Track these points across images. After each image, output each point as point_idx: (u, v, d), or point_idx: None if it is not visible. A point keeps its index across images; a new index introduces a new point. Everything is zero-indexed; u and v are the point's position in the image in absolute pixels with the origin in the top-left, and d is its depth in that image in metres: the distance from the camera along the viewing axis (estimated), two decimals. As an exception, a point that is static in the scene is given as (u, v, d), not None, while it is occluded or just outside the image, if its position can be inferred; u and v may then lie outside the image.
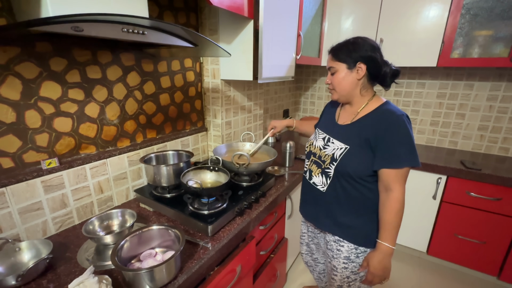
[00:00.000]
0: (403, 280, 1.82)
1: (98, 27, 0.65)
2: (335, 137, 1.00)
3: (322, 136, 1.06)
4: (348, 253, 1.01)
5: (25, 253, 0.81)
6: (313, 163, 1.07)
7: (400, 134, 0.84)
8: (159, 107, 1.32)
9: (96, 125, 1.07)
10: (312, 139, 1.13)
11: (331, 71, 0.98)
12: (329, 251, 1.08)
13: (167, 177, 1.12)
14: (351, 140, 0.94)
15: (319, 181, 1.04)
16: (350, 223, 0.99)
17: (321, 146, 1.04)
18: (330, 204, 1.02)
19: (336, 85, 0.97)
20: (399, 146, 0.84)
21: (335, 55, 0.96)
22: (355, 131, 0.95)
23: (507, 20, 1.54)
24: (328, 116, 1.13)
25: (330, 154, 0.98)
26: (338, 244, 1.03)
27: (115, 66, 1.09)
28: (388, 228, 0.89)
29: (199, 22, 1.44)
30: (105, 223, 0.95)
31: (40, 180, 0.91)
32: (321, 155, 1.02)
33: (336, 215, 1.01)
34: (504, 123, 1.91)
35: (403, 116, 0.86)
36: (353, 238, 0.99)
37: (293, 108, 2.79)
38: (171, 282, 0.74)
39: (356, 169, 0.92)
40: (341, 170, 0.95)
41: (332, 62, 0.97)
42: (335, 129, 1.03)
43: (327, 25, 2.05)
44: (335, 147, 0.98)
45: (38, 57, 0.86)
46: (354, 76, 0.93)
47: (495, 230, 1.66)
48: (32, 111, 0.88)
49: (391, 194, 0.87)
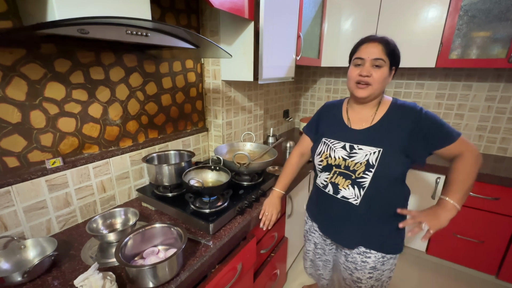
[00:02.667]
0: (403, 279, 1.83)
1: (103, 30, 0.67)
2: (360, 143, 0.91)
3: (339, 145, 0.95)
4: (375, 263, 0.97)
5: (30, 251, 0.83)
6: (338, 175, 0.95)
7: (435, 117, 0.86)
8: (161, 108, 1.34)
9: (99, 125, 1.08)
10: (324, 151, 0.99)
11: (378, 63, 0.85)
12: (350, 264, 1.03)
13: (169, 176, 1.14)
14: (381, 141, 0.88)
15: (350, 194, 0.93)
16: (381, 232, 0.95)
17: (345, 155, 0.93)
18: (363, 216, 0.93)
19: (377, 80, 0.86)
20: (444, 124, 0.86)
21: (389, 49, 0.85)
22: (382, 131, 0.89)
23: (505, 22, 1.55)
24: (331, 123, 1.03)
25: (363, 161, 0.89)
26: (364, 255, 0.98)
27: (118, 67, 1.10)
28: (457, 188, 0.85)
29: (200, 23, 1.46)
30: (108, 222, 0.96)
31: (45, 179, 0.92)
32: (348, 165, 0.92)
33: (368, 226, 0.95)
34: (502, 124, 1.92)
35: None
36: (382, 247, 0.96)
37: (293, 109, 2.81)
38: (173, 279, 0.75)
39: (395, 169, 0.87)
40: (381, 175, 0.87)
41: (383, 55, 0.85)
42: (353, 135, 0.94)
43: (326, 26, 2.07)
44: (366, 153, 0.89)
45: (43, 59, 0.88)
46: (389, 78, 0.89)
47: (493, 230, 1.67)
48: (37, 111, 0.89)
49: (467, 152, 0.85)
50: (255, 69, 1.37)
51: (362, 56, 0.87)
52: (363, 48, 0.88)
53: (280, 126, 2.58)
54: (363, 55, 0.87)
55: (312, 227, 1.19)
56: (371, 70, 0.86)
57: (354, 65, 0.91)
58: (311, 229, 1.20)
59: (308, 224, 1.23)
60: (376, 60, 0.85)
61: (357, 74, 0.88)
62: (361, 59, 0.87)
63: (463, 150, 0.86)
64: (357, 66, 0.89)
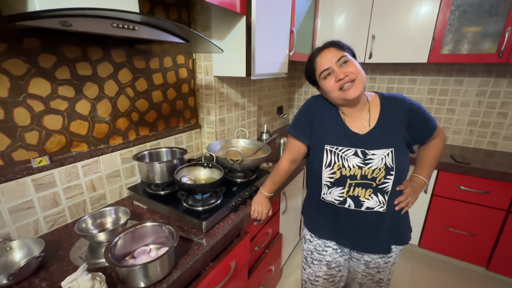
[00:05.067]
0: (396, 273, 1.86)
1: (87, 22, 0.64)
2: (371, 148, 0.86)
3: (350, 152, 0.87)
4: (395, 259, 1.00)
5: (16, 253, 0.80)
6: (356, 186, 0.87)
7: (420, 105, 0.89)
8: (152, 104, 1.31)
9: (87, 122, 1.05)
10: (334, 161, 0.88)
11: (343, 60, 0.82)
12: (372, 270, 1.02)
13: (161, 174, 1.12)
14: (389, 140, 0.86)
15: (374, 203, 0.88)
16: (401, 225, 0.96)
17: (359, 163, 0.86)
18: (390, 218, 0.91)
19: (357, 71, 0.81)
20: (426, 113, 0.89)
21: (339, 46, 0.85)
22: (386, 130, 0.86)
23: (495, 17, 1.57)
24: (330, 126, 0.91)
25: (381, 166, 0.84)
26: (386, 257, 0.98)
27: (105, 62, 1.07)
28: (430, 168, 0.99)
29: (191, 18, 1.43)
30: (98, 221, 0.94)
31: (31, 179, 0.89)
32: (365, 174, 0.86)
33: (398, 228, 0.95)
34: (492, 118, 1.95)
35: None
36: (404, 240, 0.98)
37: (287, 105, 2.80)
38: (165, 278, 0.74)
39: (408, 164, 0.89)
40: (401, 174, 0.86)
41: (341, 52, 0.83)
42: (360, 140, 0.87)
43: (320, 21, 2.06)
44: (381, 156, 0.85)
45: (26, 54, 0.85)
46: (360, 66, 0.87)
47: (483, 223, 1.70)
48: (21, 108, 0.86)
49: (440, 136, 0.95)
50: (248, 65, 1.35)
51: (325, 67, 0.83)
52: (320, 60, 0.85)
53: (274, 123, 2.57)
54: (325, 65, 0.83)
55: (324, 244, 1.04)
56: (344, 69, 0.81)
57: (324, 79, 0.86)
58: (320, 247, 1.05)
59: (312, 244, 1.07)
60: (340, 59, 0.82)
61: (334, 82, 0.83)
62: (326, 69, 0.83)
63: (437, 135, 0.93)
64: (328, 77, 0.84)
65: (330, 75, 0.84)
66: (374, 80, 2.33)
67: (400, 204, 0.92)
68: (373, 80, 2.33)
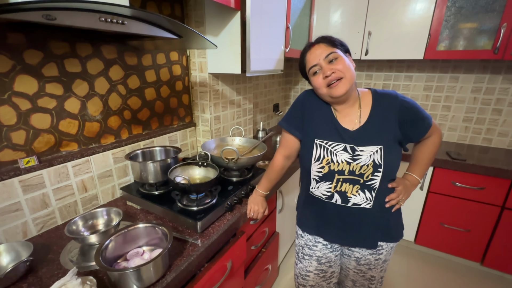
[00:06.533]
0: (391, 269, 1.86)
1: (73, 16, 0.61)
2: (360, 144, 0.85)
3: (340, 147, 0.87)
4: (386, 256, 0.98)
5: (3, 257, 0.77)
6: (344, 182, 0.87)
7: (414, 103, 0.87)
8: (145, 102, 1.28)
9: (77, 121, 1.02)
10: (323, 156, 0.89)
11: (332, 57, 0.81)
12: (363, 267, 1.01)
13: (154, 173, 1.09)
14: (379, 138, 0.85)
15: (361, 199, 0.88)
16: (391, 222, 0.95)
17: (348, 159, 0.86)
18: (377, 214, 0.91)
19: (344, 69, 0.80)
20: (421, 111, 0.87)
21: (330, 42, 0.84)
22: (376, 127, 0.86)
23: (491, 13, 1.56)
24: (321, 121, 0.91)
25: (369, 163, 0.84)
26: (377, 254, 0.97)
27: (95, 59, 1.04)
28: (424, 166, 0.98)
29: (184, 13, 1.39)
30: (89, 223, 0.92)
31: (18, 180, 0.86)
32: (353, 170, 0.86)
33: (387, 225, 0.94)
34: (487, 115, 1.96)
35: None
36: (393, 237, 0.97)
37: (283, 102, 2.78)
38: (159, 280, 0.72)
39: (397, 162, 0.88)
40: (388, 172, 0.86)
41: (330, 48, 0.83)
42: (350, 136, 0.87)
43: (315, 17, 2.03)
44: (370, 153, 0.84)
45: (10, 49, 0.81)
46: (353, 62, 0.86)
47: (479, 219, 1.72)
48: (6, 107, 0.83)
49: (435, 134, 0.93)
50: (243, 61, 1.32)
51: (314, 63, 0.84)
52: (309, 56, 0.86)
53: (270, 120, 2.55)
54: (314, 61, 0.84)
55: (314, 239, 1.04)
56: (332, 66, 0.81)
57: (313, 75, 0.86)
58: (310, 242, 1.05)
59: (303, 239, 1.07)
60: (328, 56, 0.82)
61: (322, 79, 0.83)
62: (315, 65, 0.84)
63: (432, 133, 0.91)
64: (316, 74, 0.85)
65: (319, 71, 0.84)
66: (370, 77, 2.32)
67: (391, 201, 0.92)
68: (369, 77, 2.33)
